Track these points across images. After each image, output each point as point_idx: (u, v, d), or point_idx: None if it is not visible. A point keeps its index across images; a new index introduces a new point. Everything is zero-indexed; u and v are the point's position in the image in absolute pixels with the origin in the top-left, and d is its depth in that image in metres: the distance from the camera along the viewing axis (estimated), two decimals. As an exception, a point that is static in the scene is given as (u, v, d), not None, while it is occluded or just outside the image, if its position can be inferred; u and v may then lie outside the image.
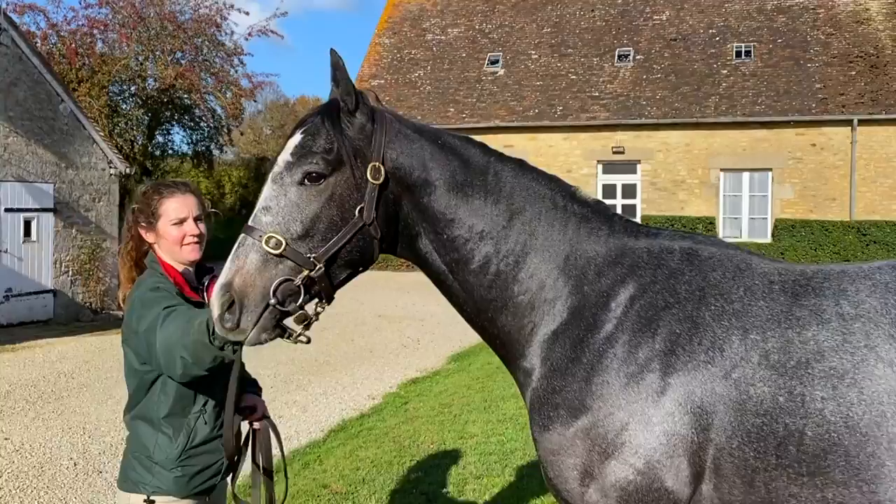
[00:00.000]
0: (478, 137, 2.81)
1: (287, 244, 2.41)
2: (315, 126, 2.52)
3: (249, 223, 2.46)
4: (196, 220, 3.14)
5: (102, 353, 12.60)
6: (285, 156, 2.50)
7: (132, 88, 30.39)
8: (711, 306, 2.49)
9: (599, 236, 2.69)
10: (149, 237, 3.14)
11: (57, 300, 16.12)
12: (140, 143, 31.24)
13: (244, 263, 2.40)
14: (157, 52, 30.03)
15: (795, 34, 26.85)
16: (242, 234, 2.44)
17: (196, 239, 3.12)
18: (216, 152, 36.26)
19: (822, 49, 26.31)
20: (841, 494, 2.33)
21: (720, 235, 25.20)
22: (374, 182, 2.51)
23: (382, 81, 30.18)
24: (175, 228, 3.08)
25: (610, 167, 27.14)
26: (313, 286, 2.47)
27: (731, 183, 25.95)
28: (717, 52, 27.13)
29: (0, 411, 8.98)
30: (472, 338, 13.93)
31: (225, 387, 2.96)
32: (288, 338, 2.45)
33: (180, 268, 3.15)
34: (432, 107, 28.52)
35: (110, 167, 17.41)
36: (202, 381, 2.92)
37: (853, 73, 25.54)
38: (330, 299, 2.55)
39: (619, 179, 27.11)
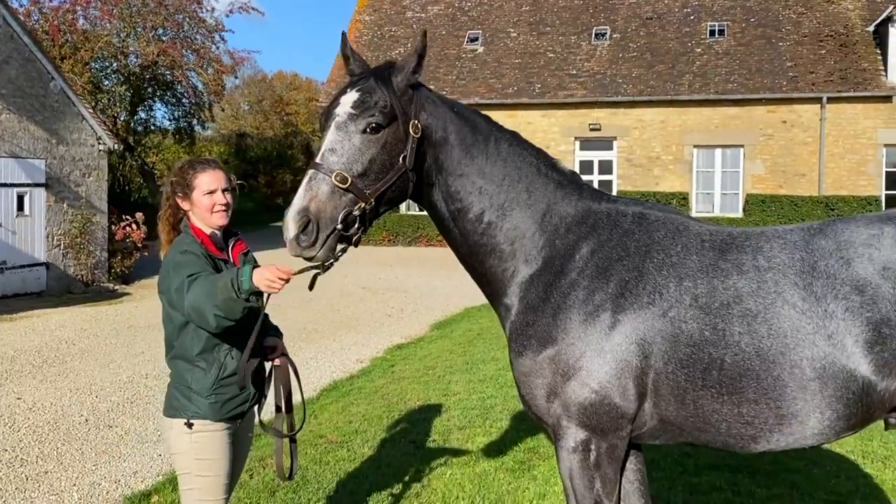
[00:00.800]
0: None
1: (352, 180, 2.98)
2: (371, 86, 3.07)
3: (317, 160, 3.00)
4: (224, 191, 3.69)
5: (99, 322, 13.11)
6: (346, 108, 3.04)
7: (114, 65, 30.63)
8: (654, 259, 3.10)
9: (571, 200, 3.29)
10: (184, 206, 3.69)
11: (49, 273, 16.57)
12: (123, 119, 31.51)
13: (317, 193, 2.95)
14: (139, 29, 30.25)
15: (768, 13, 27.48)
16: (312, 170, 2.99)
17: (224, 207, 3.68)
18: (198, 128, 36.55)
19: (794, 28, 26.96)
20: (753, 410, 2.95)
21: (693, 210, 25.95)
22: (414, 135, 3.10)
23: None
24: (207, 198, 3.64)
25: (587, 144, 27.74)
26: (365, 217, 3.05)
27: (704, 159, 26.64)
28: (691, 30, 27.72)
29: (9, 374, 9.51)
30: (453, 307, 14.57)
31: (250, 329, 3.55)
32: (324, 269, 3.03)
33: (209, 231, 3.70)
34: None
35: (99, 143, 17.81)
36: (230, 326, 3.50)
37: (823, 51, 26.22)
38: (367, 229, 3.13)
39: (595, 156, 27.72)
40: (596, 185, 26.79)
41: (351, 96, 3.08)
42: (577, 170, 27.02)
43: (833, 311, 2.87)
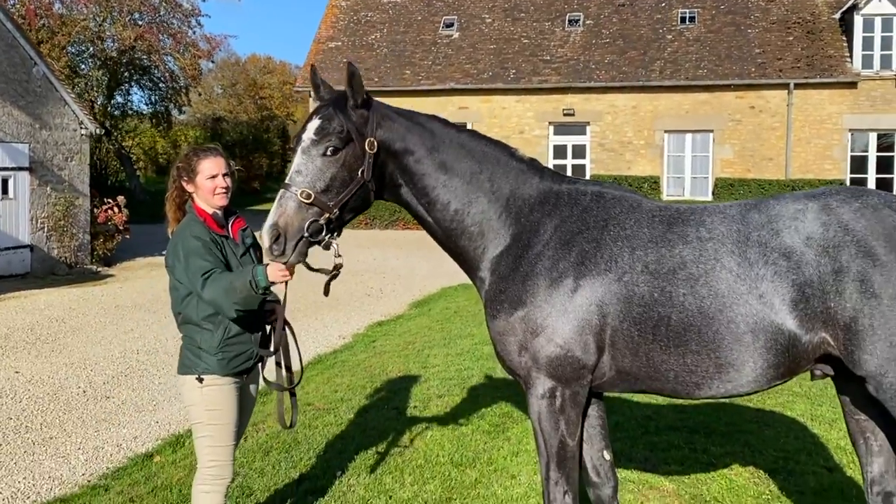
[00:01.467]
0: (433, 99, 4.07)
1: (315, 196, 3.46)
2: (329, 114, 3.56)
3: (286, 181, 3.51)
4: (224, 175, 4.14)
5: (86, 301, 13.47)
6: (310, 134, 3.54)
7: (91, 49, 30.72)
8: (611, 232, 3.58)
9: (532, 183, 3.77)
10: (189, 188, 4.14)
11: (34, 255, 16.86)
12: (100, 103, 31.63)
13: (285, 209, 3.47)
14: (116, 13, 30.35)
15: (737, 1, 28.05)
16: (282, 189, 3.50)
17: (224, 190, 4.13)
18: (175, 113, 36.69)
19: (762, 15, 27.56)
20: (696, 360, 3.45)
21: (664, 194, 26.55)
22: (370, 152, 3.58)
23: (339, 44, 30.79)
24: (209, 182, 4.09)
25: (561, 129, 28.22)
26: (331, 224, 3.54)
27: (674, 144, 27.22)
28: (662, 17, 28.25)
29: (4, 350, 9.88)
30: (430, 287, 15.03)
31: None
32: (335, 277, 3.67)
33: (211, 211, 4.14)
34: (389, 69, 29.25)
35: (81, 128, 18.07)
36: None
37: (791, 38, 26.84)
38: (339, 233, 3.64)
39: (569, 140, 28.21)
40: (570, 169, 27.39)
41: (314, 123, 3.56)
42: (551, 154, 27.72)
43: (764, 274, 3.36)
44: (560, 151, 28.11)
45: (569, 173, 27.31)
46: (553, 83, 27.47)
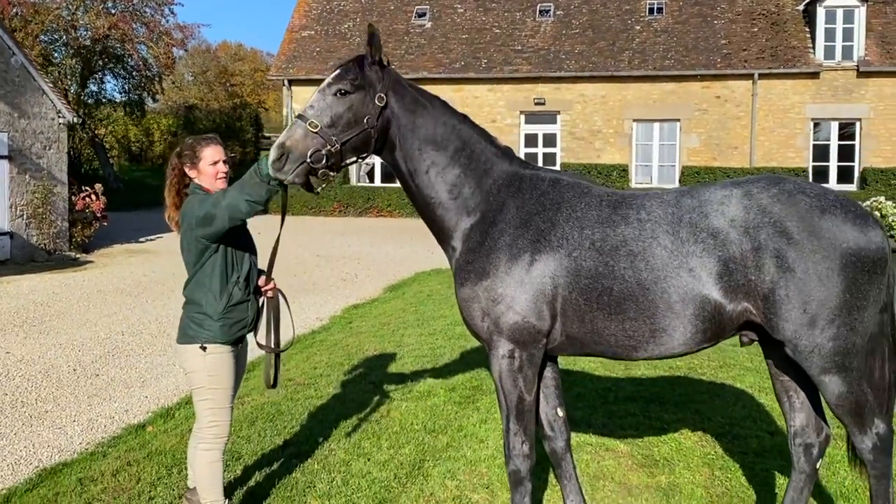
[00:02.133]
0: None
1: (321, 128, 3.94)
2: (348, 66, 4.08)
3: (300, 113, 3.98)
4: (224, 161, 4.59)
5: (68, 287, 13.80)
6: (329, 79, 4.04)
7: (64, 38, 30.78)
8: (564, 213, 4.07)
9: (503, 167, 4.25)
10: (191, 173, 4.58)
11: (13, 242, 17.12)
12: (73, 91, 31.69)
13: (293, 134, 3.95)
14: (89, 2, 30.42)
15: (704, -8, 28.65)
16: (295, 119, 3.98)
17: (224, 175, 4.58)
18: (149, 101, 36.78)
19: (728, 7, 28.18)
20: (633, 325, 3.95)
21: (633, 182, 27.16)
22: (378, 104, 4.06)
23: (312, 32, 31.08)
24: (211, 167, 4.54)
25: (532, 118, 28.72)
26: (331, 158, 3.99)
27: (642, 132, 27.82)
28: (631, 8, 28.79)
29: (-8, 333, 10.25)
30: (404, 272, 15.49)
31: (250, 267, 4.51)
32: (309, 189, 4.03)
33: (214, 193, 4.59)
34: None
35: (59, 117, 18.32)
36: (239, 261, 4.44)
37: (755, 29, 27.49)
38: (338, 170, 4.09)
39: (540, 129, 28.72)
40: (540, 157, 27.88)
41: (334, 73, 4.08)
42: (522, 143, 28.25)
43: (693, 251, 3.87)
44: (531, 140, 28.62)
45: (540, 161, 27.94)
46: (524, 73, 27.95)
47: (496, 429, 6.36)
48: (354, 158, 4.15)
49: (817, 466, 4.36)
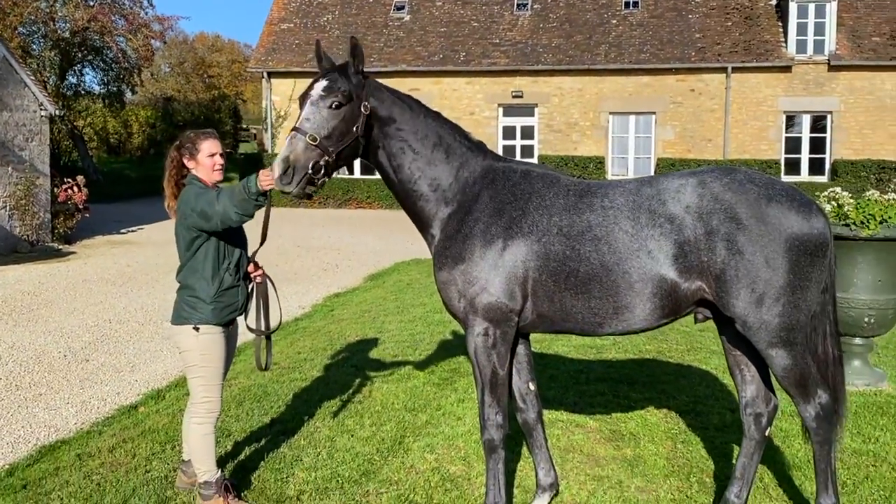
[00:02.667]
0: (385, 81, 4.71)
1: (319, 140, 4.21)
2: (336, 77, 4.31)
3: (297, 125, 4.21)
4: (220, 154, 4.91)
5: (54, 276, 14.02)
6: (318, 91, 4.27)
7: (43, 30, 30.77)
8: (534, 202, 4.41)
9: (477, 160, 4.59)
10: (190, 164, 4.89)
11: (-3, 233, 17.30)
12: (52, 83, 31.69)
13: (295, 147, 4.17)
14: (68, -6, 30.40)
15: (679, -13, 29.07)
16: (293, 132, 4.20)
17: (221, 166, 4.90)
18: (129, 94, 36.80)
19: (702, 1, 28.61)
20: (598, 304, 4.30)
21: (609, 173, 27.57)
22: (364, 112, 4.34)
23: (291, 25, 31.22)
24: (209, 159, 4.86)
25: (510, 110, 29.06)
26: (329, 167, 4.27)
27: (618, 125, 28.23)
28: (607, 2, 29.16)
29: (-18, 321, 10.49)
30: (384, 262, 15.81)
31: (241, 255, 4.82)
32: (308, 198, 4.28)
33: (210, 184, 4.91)
34: (341, 51, 29.70)
35: (41, 109, 18.47)
36: (230, 248, 4.75)
37: (729, 23, 27.95)
38: (331, 175, 4.35)
39: (518, 122, 29.07)
40: (518, 150, 28.26)
41: (321, 83, 4.32)
42: (500, 135, 28.61)
43: (652, 235, 4.22)
44: (509, 132, 28.96)
45: (518, 154, 28.31)
46: (502, 66, 28.28)
47: (473, 408, 6.70)
48: (344, 164, 4.43)
49: (766, 434, 4.74)
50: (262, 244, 4.95)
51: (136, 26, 32.67)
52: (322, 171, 4.24)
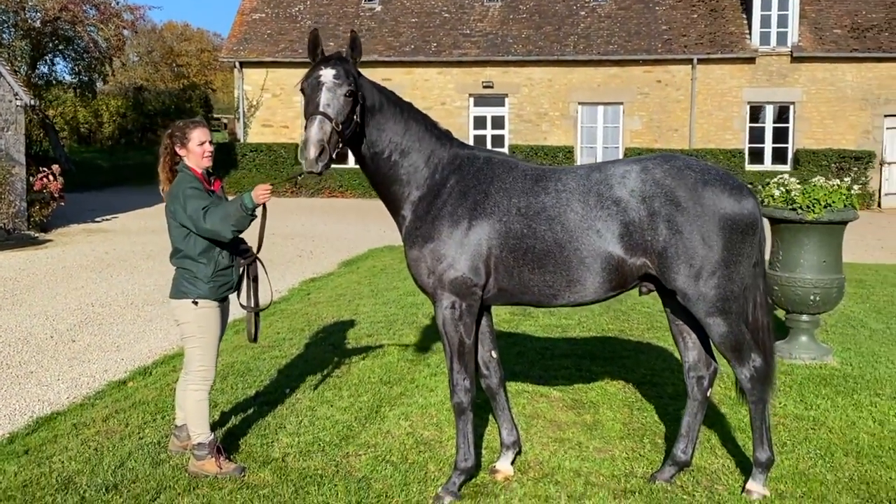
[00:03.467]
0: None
1: (340, 125, 4.59)
2: (343, 65, 4.66)
3: (321, 110, 4.53)
4: (209, 142, 5.33)
5: (33, 263, 14.31)
6: (331, 79, 4.60)
7: (13, 19, 30.74)
8: (495, 186, 4.87)
9: (445, 148, 5.04)
10: (181, 152, 5.31)
11: (-28, 222, 17.50)
12: (23, 73, 31.67)
13: (326, 131, 4.50)
14: (38, -17, 30.38)
15: (646, -21, 29.62)
16: (319, 116, 4.52)
17: (210, 153, 5.32)
18: (100, 84, 36.81)
19: (669, -6, 29.20)
20: (553, 277, 4.78)
21: (578, 162, 28.09)
22: (360, 102, 4.73)
23: (263, 15, 31.42)
24: (199, 147, 5.28)
25: (481, 100, 29.50)
26: (340, 150, 4.66)
27: (587, 115, 28.76)
28: (576, -6, 29.67)
29: (-33, 306, 10.80)
30: (358, 249, 16.23)
31: (233, 239, 5.27)
32: (319, 175, 4.58)
33: (200, 170, 5.33)
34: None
35: (16, 99, 18.67)
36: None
37: (695, 16, 28.54)
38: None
39: (488, 112, 29.51)
40: (489, 139, 28.70)
41: (330, 71, 4.65)
42: (471, 125, 29.10)
43: (600, 215, 4.70)
44: (480, 122, 29.40)
45: (488, 143, 28.76)
46: (473, 56, 28.70)
47: (445, 380, 7.14)
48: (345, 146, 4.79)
49: (708, 395, 5.26)
50: (259, 249, 5.48)
51: (108, 16, 32.73)
52: (335, 153, 4.61)
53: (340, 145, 4.65)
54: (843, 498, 5.06)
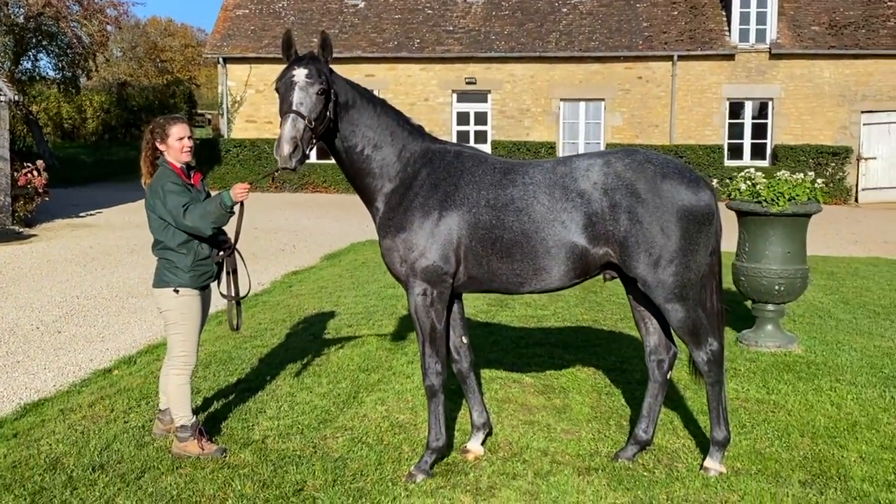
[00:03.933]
0: (340, 67, 5.37)
1: (313, 122, 4.81)
2: (315, 64, 4.88)
3: (294, 109, 4.75)
4: (189, 137, 5.54)
5: (18, 257, 14.45)
6: (303, 78, 4.82)
7: (-3, 15, 30.79)
8: (465, 178, 5.11)
9: (417, 142, 5.27)
10: (161, 147, 5.52)
11: (-42, 216, 17.60)
12: (7, 69, 31.70)
13: (299, 128, 4.73)
14: (21, -21, 30.42)
15: (627, -23, 29.90)
16: (293, 115, 4.74)
17: (190, 148, 5.53)
18: (83, 79, 36.83)
19: (650, -9, 29.50)
20: (520, 266, 5.03)
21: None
22: (333, 98, 4.96)
23: (247, 11, 31.53)
24: (178, 142, 5.49)
25: (464, 96, 29.72)
26: (313, 146, 4.88)
27: (569, 111, 29.03)
28: (558, -9, 29.93)
29: (-47, 298, 10.95)
30: (340, 243, 16.44)
31: (216, 234, 5.49)
32: (294, 170, 4.81)
33: (179, 165, 5.54)
34: (296, 38, 29.27)
35: (0, 94, 18.76)
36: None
37: (675, 13, 28.86)
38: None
39: (471, 108, 29.74)
40: (472, 135, 28.95)
41: (303, 71, 4.87)
42: (454, 121, 29.35)
43: (565, 207, 4.95)
44: (463, 118, 29.63)
45: (471, 139, 29.00)
46: (456, 52, 28.91)
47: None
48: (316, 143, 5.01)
49: (668, 377, 5.52)
50: (236, 242, 5.66)
51: (91, 11, 32.76)
52: (309, 149, 4.84)
53: (314, 141, 4.87)
54: (795, 475, 5.33)
